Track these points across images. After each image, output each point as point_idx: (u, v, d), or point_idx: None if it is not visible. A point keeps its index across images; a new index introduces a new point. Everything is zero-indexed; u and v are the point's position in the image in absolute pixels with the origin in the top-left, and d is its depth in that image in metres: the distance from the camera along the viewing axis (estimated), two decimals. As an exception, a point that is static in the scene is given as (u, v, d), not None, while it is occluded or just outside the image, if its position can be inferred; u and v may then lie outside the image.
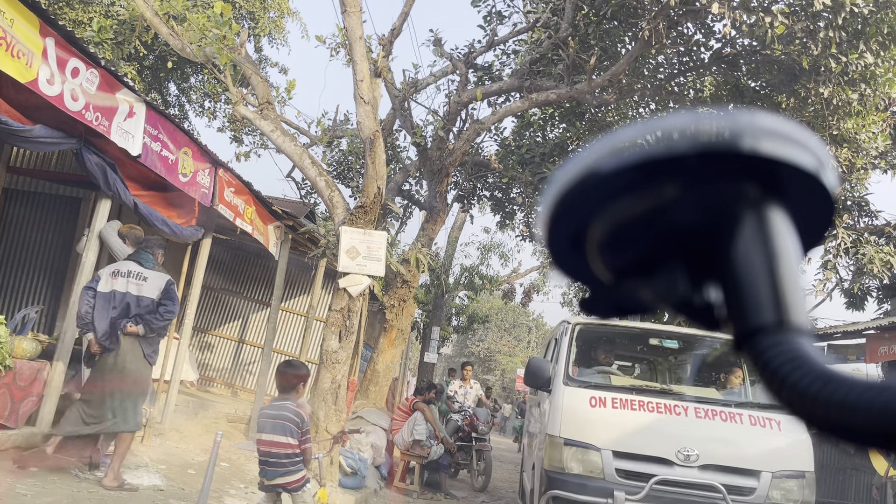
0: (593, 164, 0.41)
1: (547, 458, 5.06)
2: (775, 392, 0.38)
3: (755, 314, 0.39)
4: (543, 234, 0.45)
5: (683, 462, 4.81)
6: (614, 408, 5.07)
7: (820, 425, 0.36)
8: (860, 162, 9.28)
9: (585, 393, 5.22)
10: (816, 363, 0.37)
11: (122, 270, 4.99)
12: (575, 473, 4.91)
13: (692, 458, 4.82)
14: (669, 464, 4.83)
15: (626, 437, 4.95)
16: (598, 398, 5.14)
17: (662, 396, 5.26)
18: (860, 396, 0.34)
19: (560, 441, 5.00)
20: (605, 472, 4.87)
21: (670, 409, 5.08)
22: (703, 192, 0.41)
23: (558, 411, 5.12)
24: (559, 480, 4.93)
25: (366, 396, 9.30)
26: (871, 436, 0.34)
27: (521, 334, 43.33)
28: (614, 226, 0.43)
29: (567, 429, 5.02)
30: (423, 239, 10.26)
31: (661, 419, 5.02)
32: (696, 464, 4.81)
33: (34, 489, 4.22)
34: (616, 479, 4.85)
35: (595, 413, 5.07)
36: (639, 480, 4.82)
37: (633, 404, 5.09)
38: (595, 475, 4.88)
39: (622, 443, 4.93)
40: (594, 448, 4.92)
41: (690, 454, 4.83)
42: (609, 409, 5.07)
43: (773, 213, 0.41)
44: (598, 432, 4.98)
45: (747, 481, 4.81)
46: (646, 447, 4.92)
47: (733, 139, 0.39)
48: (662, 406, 5.09)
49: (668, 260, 0.43)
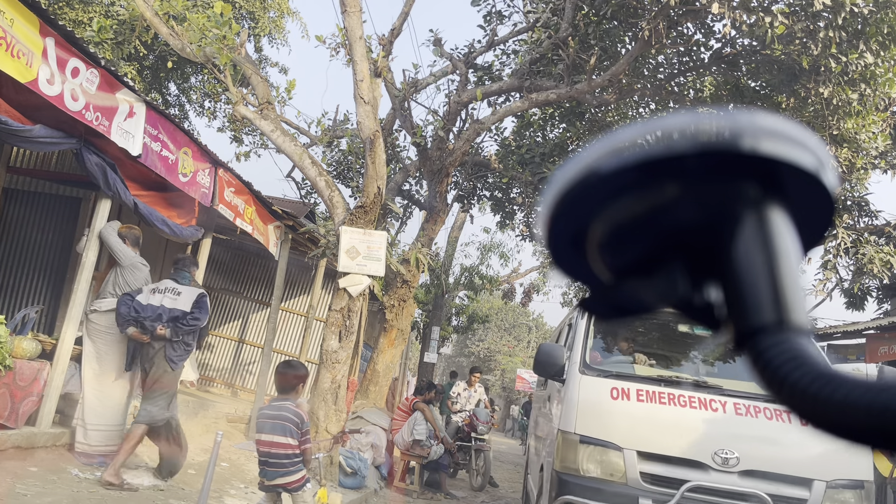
0: (593, 163, 0.41)
1: (559, 457, 4.41)
2: (776, 392, 0.38)
3: (755, 314, 0.39)
4: (543, 234, 0.45)
5: (721, 466, 4.14)
6: (639, 401, 4.36)
7: (820, 425, 0.36)
8: (860, 162, 9.28)
9: (605, 383, 4.49)
10: (817, 363, 0.37)
11: (161, 287, 5.33)
12: (592, 476, 4.26)
13: (731, 461, 4.14)
14: (704, 468, 4.16)
15: (654, 436, 4.27)
16: (620, 389, 4.42)
17: (696, 389, 4.51)
18: (861, 396, 0.34)
19: (575, 438, 4.33)
20: (628, 475, 4.22)
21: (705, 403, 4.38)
22: (704, 191, 0.41)
23: (573, 403, 4.43)
24: (573, 484, 4.28)
25: (366, 396, 9.30)
26: (871, 435, 0.34)
27: (521, 334, 43.32)
28: (614, 225, 0.43)
29: (584, 424, 4.35)
30: (423, 239, 10.26)
31: (695, 415, 4.31)
32: (736, 469, 4.14)
33: (34, 489, 4.22)
34: (641, 484, 4.19)
35: (616, 406, 4.35)
36: (668, 487, 4.16)
37: (661, 397, 4.39)
38: (616, 479, 4.24)
39: (648, 442, 4.26)
40: (615, 447, 4.26)
41: (729, 457, 4.15)
42: (633, 403, 4.36)
43: (774, 212, 0.41)
44: (620, 429, 4.30)
45: (797, 491, 4.10)
46: (676, 448, 4.23)
47: (733, 139, 0.39)
48: (696, 400, 4.38)
49: (669, 260, 0.43)
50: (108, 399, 5.22)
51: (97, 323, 5.26)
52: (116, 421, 5.27)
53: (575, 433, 4.35)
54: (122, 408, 5.34)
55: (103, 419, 5.18)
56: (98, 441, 5.14)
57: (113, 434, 5.22)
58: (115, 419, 5.26)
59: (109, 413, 5.22)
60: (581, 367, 4.66)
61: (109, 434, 5.20)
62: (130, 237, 5.52)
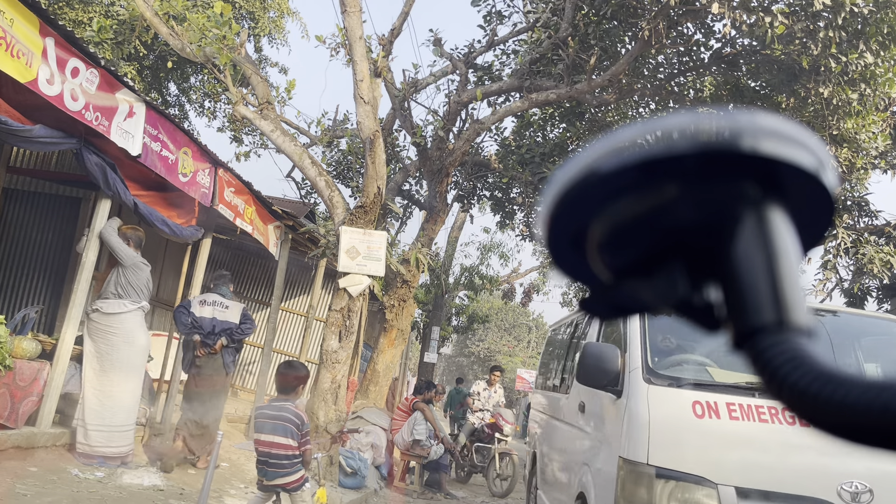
0: (593, 163, 0.41)
1: (623, 496, 3.40)
2: (775, 392, 0.38)
3: (755, 314, 0.39)
4: (543, 234, 0.45)
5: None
6: (733, 418, 3.34)
7: (820, 425, 0.36)
8: (860, 162, 9.28)
9: (683, 395, 3.46)
10: (816, 363, 0.37)
11: (209, 300, 6.07)
12: None
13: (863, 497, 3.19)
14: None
15: (757, 466, 3.30)
16: (706, 404, 3.38)
17: None
18: (860, 396, 0.34)
19: (648, 471, 3.33)
20: None
21: None
22: (703, 191, 0.41)
23: (642, 424, 3.42)
24: None
25: (366, 396, 9.30)
26: (871, 436, 0.34)
27: (521, 334, 43.34)
28: (614, 225, 0.43)
29: (660, 452, 3.34)
30: (423, 239, 10.26)
31: (807, 437, 3.07)
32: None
33: (34, 489, 4.22)
34: None
35: (704, 427, 3.34)
36: None
37: (760, 413, 3.35)
38: None
39: (751, 474, 3.27)
40: (707, 483, 3.25)
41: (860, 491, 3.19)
42: (725, 421, 3.34)
43: (773, 212, 0.41)
44: (712, 457, 3.32)
45: None
46: (789, 481, 3.24)
47: (733, 139, 0.39)
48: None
49: (668, 260, 0.43)
50: (109, 399, 5.22)
51: (99, 323, 5.26)
52: (118, 421, 5.26)
53: (648, 464, 3.34)
54: (124, 408, 5.33)
55: (104, 419, 5.17)
56: (99, 442, 5.14)
57: (114, 435, 5.22)
58: (115, 419, 5.25)
59: (109, 413, 5.21)
60: (645, 375, 3.59)
61: (110, 434, 5.20)
62: (134, 238, 5.55)
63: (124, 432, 5.31)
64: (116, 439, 5.19)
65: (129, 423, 5.38)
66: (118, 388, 5.27)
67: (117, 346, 5.24)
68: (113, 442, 5.17)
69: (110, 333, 5.23)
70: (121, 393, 5.29)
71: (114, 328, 5.22)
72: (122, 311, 5.30)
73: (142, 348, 5.50)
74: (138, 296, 5.41)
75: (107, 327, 5.23)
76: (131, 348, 5.32)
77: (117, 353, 5.24)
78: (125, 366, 5.27)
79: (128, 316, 5.33)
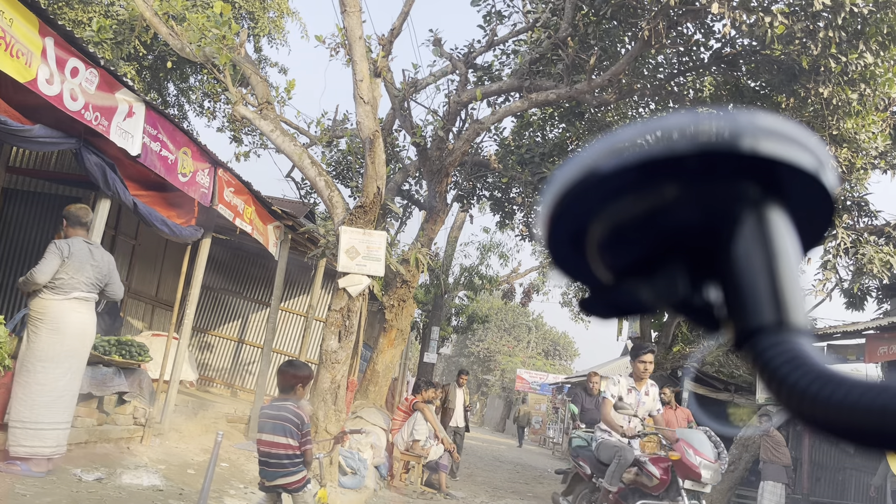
0: (593, 163, 0.41)
1: None
2: (775, 392, 0.38)
3: (755, 314, 0.39)
4: (543, 234, 0.45)
5: None
6: None
7: (820, 426, 0.36)
8: (860, 162, 9.28)
9: None
10: (816, 363, 0.37)
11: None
12: None
13: None
14: None
15: None
16: None
17: None
18: (860, 397, 0.34)
19: None
20: None
21: None
22: (703, 191, 0.41)
23: None
24: None
25: (365, 396, 9.30)
26: (871, 436, 0.34)
27: (521, 334, 43.33)
28: (614, 226, 0.43)
29: None
30: (423, 239, 10.26)
31: None
32: None
33: (34, 489, 4.22)
34: None
35: None
36: None
37: None
38: None
39: None
40: None
41: None
42: None
43: (773, 213, 0.41)
44: None
45: None
46: None
47: (733, 139, 0.39)
48: None
49: (668, 260, 0.43)
50: (39, 395, 4.60)
51: (32, 309, 4.77)
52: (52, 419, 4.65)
53: None
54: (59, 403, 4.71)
55: (35, 416, 4.55)
56: (30, 441, 4.52)
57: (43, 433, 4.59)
58: (49, 416, 4.63)
59: (42, 410, 4.58)
60: None
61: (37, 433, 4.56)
62: (71, 217, 4.90)
63: (53, 430, 4.66)
64: (50, 440, 4.60)
65: (59, 420, 4.71)
66: (51, 381, 4.65)
67: (41, 334, 4.65)
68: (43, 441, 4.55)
69: (37, 320, 4.69)
70: (54, 384, 4.65)
71: (40, 315, 4.68)
72: (47, 299, 4.72)
73: (73, 336, 4.78)
74: (73, 287, 4.79)
75: (36, 314, 4.70)
76: (56, 336, 4.69)
77: (41, 343, 4.64)
78: (51, 355, 4.64)
79: (53, 304, 4.73)
